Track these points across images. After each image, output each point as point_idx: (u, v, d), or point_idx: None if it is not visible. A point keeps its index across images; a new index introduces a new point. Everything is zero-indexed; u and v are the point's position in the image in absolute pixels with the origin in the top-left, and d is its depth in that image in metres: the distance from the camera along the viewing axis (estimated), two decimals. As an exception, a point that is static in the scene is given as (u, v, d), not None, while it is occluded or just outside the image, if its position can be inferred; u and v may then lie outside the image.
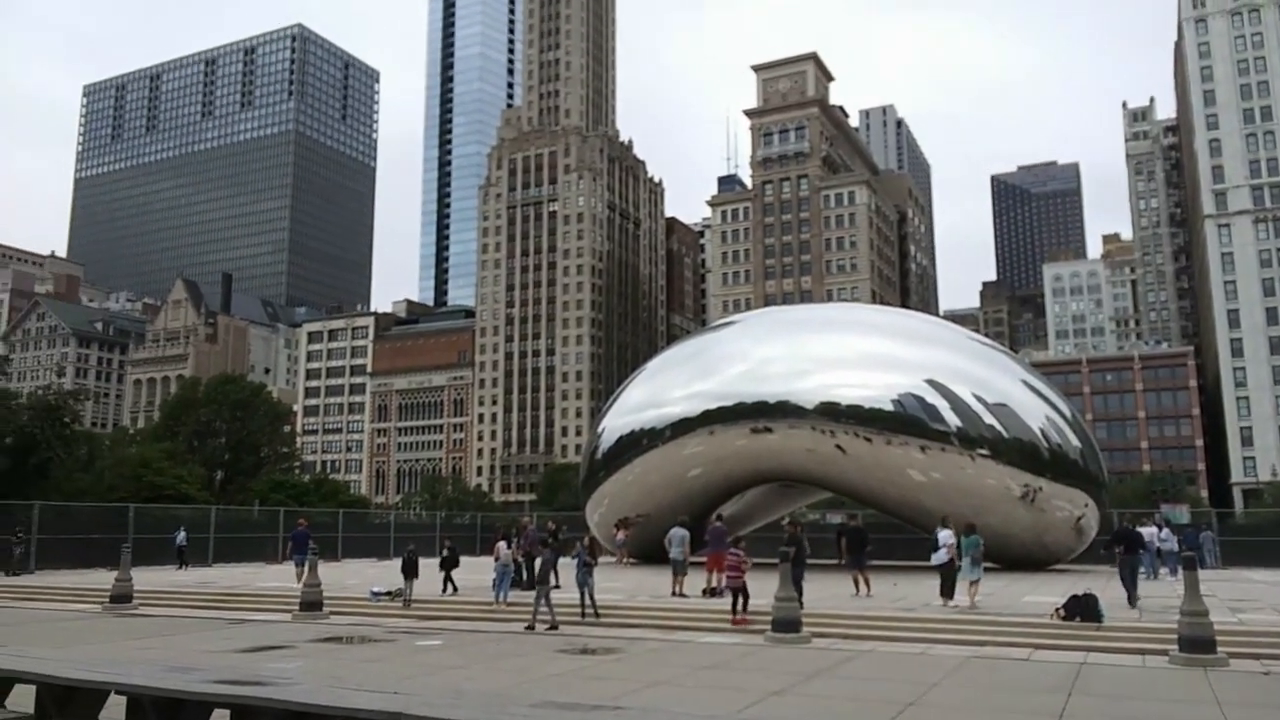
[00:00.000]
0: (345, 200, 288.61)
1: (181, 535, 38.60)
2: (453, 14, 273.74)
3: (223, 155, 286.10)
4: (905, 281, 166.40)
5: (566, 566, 23.51)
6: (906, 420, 31.08)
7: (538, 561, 22.58)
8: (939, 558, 21.84)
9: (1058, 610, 18.79)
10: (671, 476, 35.54)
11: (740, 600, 19.93)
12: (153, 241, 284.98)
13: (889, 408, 31.28)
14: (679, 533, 25.01)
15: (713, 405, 33.87)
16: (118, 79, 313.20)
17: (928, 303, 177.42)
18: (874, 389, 31.88)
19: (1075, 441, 32.62)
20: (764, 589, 20.39)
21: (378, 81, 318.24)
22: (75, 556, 36.44)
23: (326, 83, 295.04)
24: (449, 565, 25.74)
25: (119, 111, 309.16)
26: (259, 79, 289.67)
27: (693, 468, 35.16)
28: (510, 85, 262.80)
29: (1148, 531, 32.18)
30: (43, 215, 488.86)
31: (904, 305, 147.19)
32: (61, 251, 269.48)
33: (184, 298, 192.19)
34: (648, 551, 36.27)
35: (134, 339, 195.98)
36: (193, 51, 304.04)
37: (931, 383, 31.41)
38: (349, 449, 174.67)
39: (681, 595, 23.41)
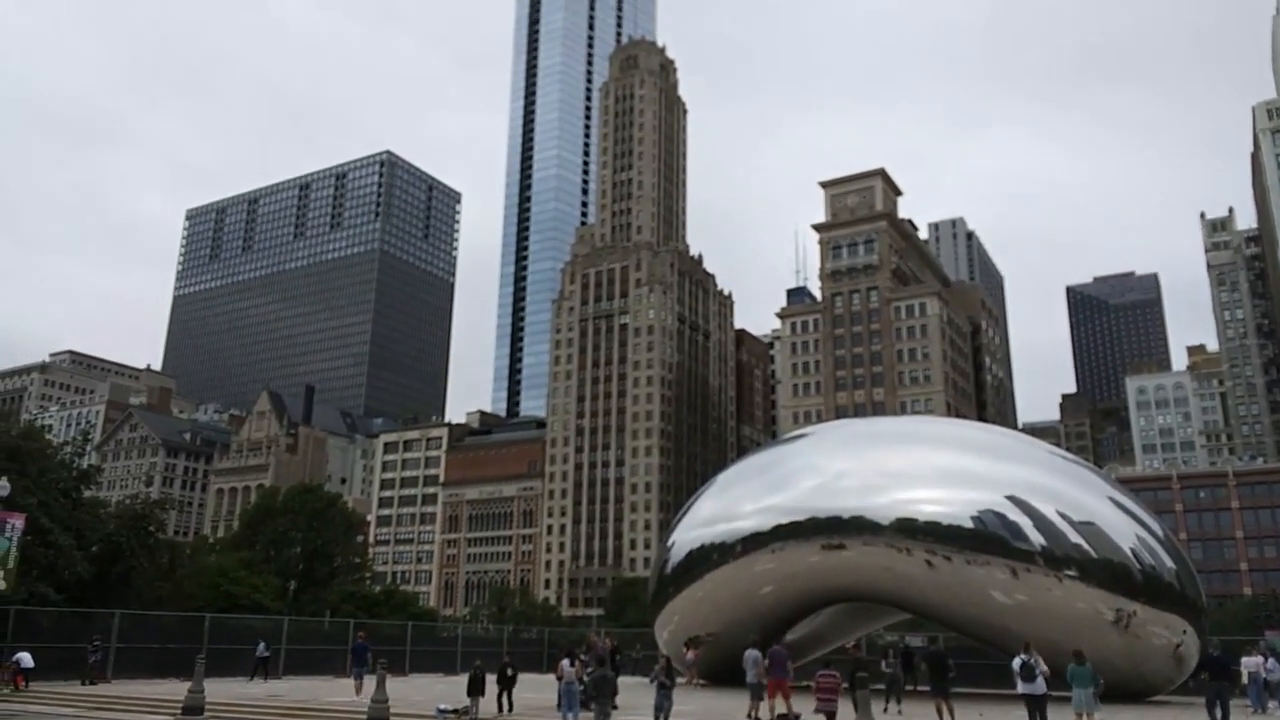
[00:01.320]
0: (424, 314, 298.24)
1: (262, 647, 38.86)
2: (531, 138, 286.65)
3: (311, 273, 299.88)
4: (981, 394, 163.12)
5: (633, 686, 22.94)
6: (988, 538, 29.96)
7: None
8: (1034, 687, 20.63)
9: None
10: (742, 594, 34.64)
11: None
12: (243, 355, 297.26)
13: (969, 525, 30.22)
14: (753, 654, 24.34)
15: (784, 520, 33.18)
16: (219, 203, 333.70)
17: (1005, 415, 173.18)
18: (953, 505, 30.90)
19: (1169, 563, 30.98)
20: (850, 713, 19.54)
21: (459, 202, 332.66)
22: (153, 665, 36.90)
23: (411, 204, 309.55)
24: (506, 684, 25.38)
25: (218, 233, 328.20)
26: (348, 201, 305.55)
27: (764, 585, 34.24)
28: (584, 204, 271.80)
29: (1252, 661, 30.10)
30: (143, 331, 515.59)
31: (980, 418, 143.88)
32: (157, 365, 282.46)
33: (268, 409, 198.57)
34: (717, 672, 35.17)
35: (219, 449, 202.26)
36: (289, 177, 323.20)
37: (1013, 499, 30.35)
38: (419, 559, 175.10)
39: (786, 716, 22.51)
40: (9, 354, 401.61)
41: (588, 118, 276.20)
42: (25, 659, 32.30)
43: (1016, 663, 21.19)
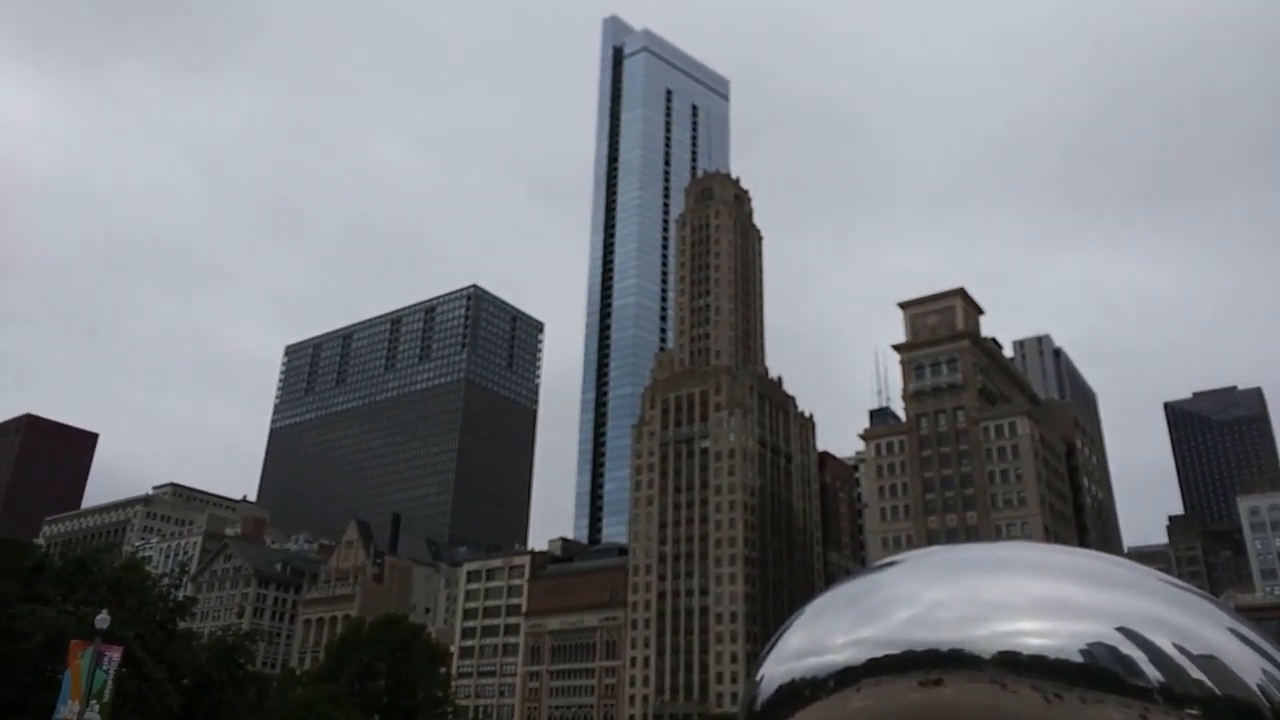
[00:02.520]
0: (507, 442, 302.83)
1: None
2: (611, 269, 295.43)
3: (401, 404, 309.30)
4: (1081, 516, 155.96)
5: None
6: (1100, 674, 27.99)
7: None
8: None
9: None
10: (834, 733, 33.37)
11: None
12: (334, 485, 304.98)
13: (1078, 659, 28.23)
14: None
15: (878, 654, 31.24)
16: (315, 339, 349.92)
17: (1109, 539, 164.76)
18: (1059, 638, 29.12)
19: (1294, 702, 28.85)
20: None
21: (542, 332, 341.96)
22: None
23: (496, 335, 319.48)
24: None
25: (314, 367, 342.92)
26: (437, 333, 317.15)
27: (855, 724, 32.99)
28: (663, 329, 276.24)
29: None
30: (241, 463, 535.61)
31: (1081, 542, 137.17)
32: (253, 495, 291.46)
33: (356, 538, 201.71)
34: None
35: (308, 579, 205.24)
36: (382, 312, 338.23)
37: (1124, 631, 28.59)
38: (502, 692, 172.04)
39: None
40: (119, 486, 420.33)
41: (665, 247, 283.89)
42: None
43: None
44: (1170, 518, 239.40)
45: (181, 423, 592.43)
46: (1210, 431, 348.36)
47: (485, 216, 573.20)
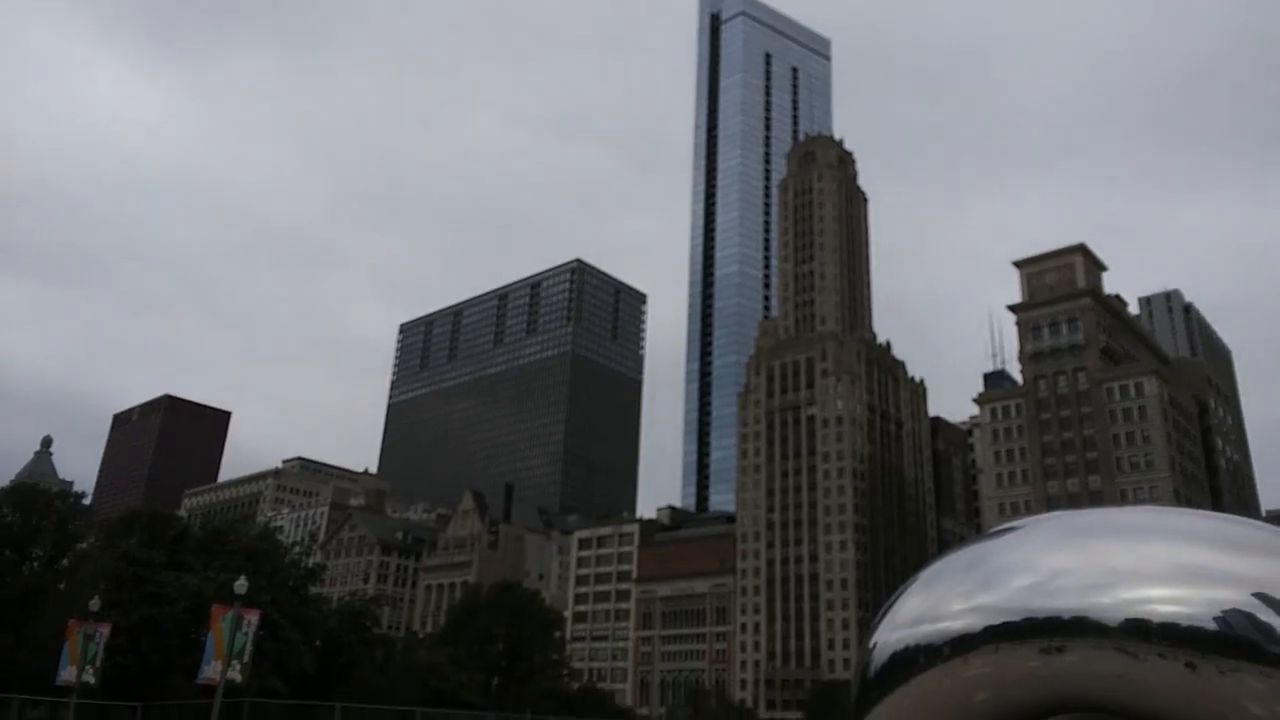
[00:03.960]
0: (614, 413, 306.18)
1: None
2: (713, 237, 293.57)
3: (509, 378, 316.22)
4: (1214, 480, 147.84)
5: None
6: (1236, 641, 26.57)
7: None
8: None
9: None
10: (954, 701, 32.02)
11: None
12: (449, 456, 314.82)
13: (1212, 626, 26.98)
14: None
15: (996, 621, 30.60)
16: (427, 317, 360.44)
17: (1245, 503, 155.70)
18: (1192, 605, 28.00)
19: None
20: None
21: (644, 303, 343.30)
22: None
23: (600, 308, 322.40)
24: None
25: (427, 344, 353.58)
26: (542, 308, 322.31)
27: (979, 692, 31.63)
28: (767, 297, 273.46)
29: None
30: (361, 437, 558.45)
31: (1215, 506, 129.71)
32: (374, 468, 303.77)
33: (471, 508, 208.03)
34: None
35: (427, 547, 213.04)
36: (490, 289, 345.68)
37: (1263, 597, 27.28)
38: (614, 657, 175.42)
39: None
40: (251, 461, 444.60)
41: (767, 214, 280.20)
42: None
43: None
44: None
45: (306, 400, 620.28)
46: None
47: (587, 191, 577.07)
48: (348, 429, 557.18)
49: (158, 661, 45.62)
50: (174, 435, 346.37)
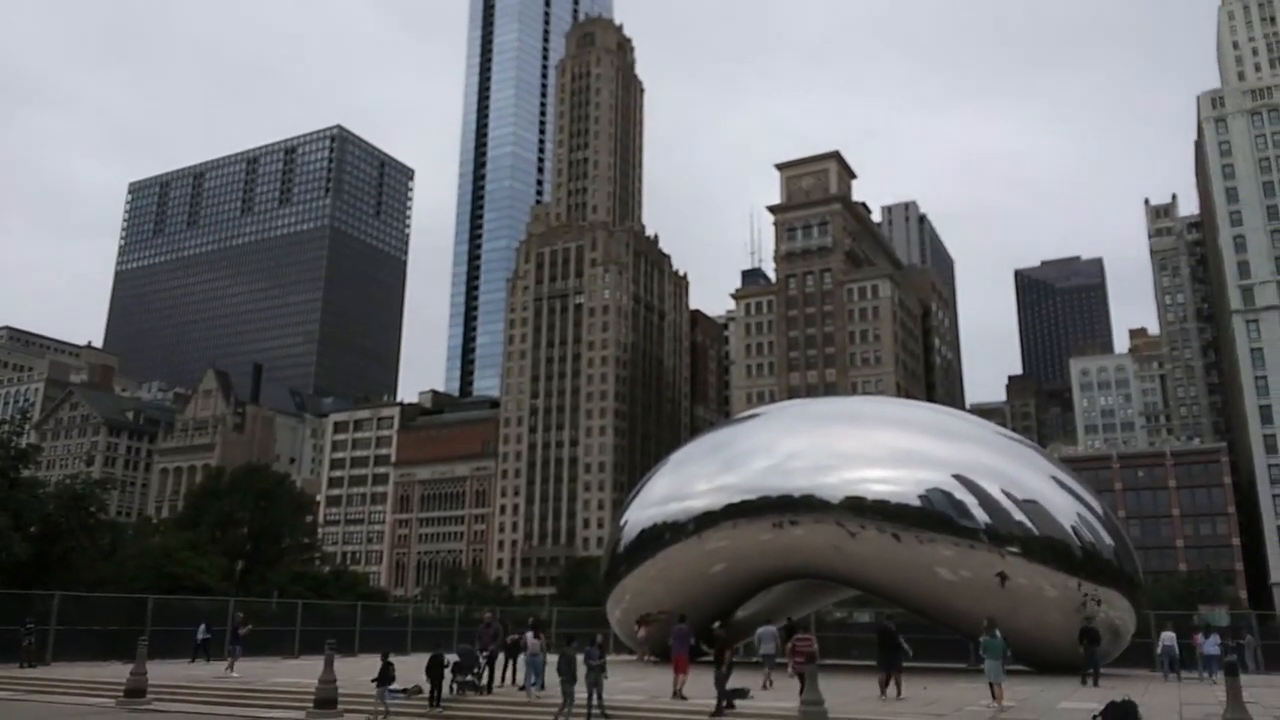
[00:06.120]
0: (376, 293, 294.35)
1: (203, 629, 38.11)
2: (486, 115, 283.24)
3: (259, 250, 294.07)
4: (930, 375, 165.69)
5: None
6: (934, 517, 30.47)
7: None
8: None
9: (1096, 717, 18.06)
10: (695, 572, 34.90)
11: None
12: (188, 333, 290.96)
13: (916, 503, 30.72)
14: (768, 630, 28.63)
15: (736, 499, 33.45)
16: (162, 177, 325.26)
17: (953, 396, 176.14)
18: (901, 485, 31.39)
19: (1109, 540, 31.81)
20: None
21: (412, 179, 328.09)
22: (94, 648, 36.08)
23: (363, 180, 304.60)
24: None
25: (162, 207, 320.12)
26: (298, 177, 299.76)
27: (717, 563, 34.53)
28: (540, 182, 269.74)
29: (1167, 636, 33.24)
30: (82, 306, 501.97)
31: (929, 398, 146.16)
32: (98, 342, 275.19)
33: (214, 388, 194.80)
34: (668, 648, 35.40)
35: (163, 428, 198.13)
36: (236, 151, 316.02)
37: (959, 478, 30.88)
38: (370, 540, 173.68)
39: (681, 695, 22.54)
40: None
41: (544, 95, 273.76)
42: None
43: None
44: (1010, 377, 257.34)
45: (10, 260, 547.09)
46: (1053, 298, 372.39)
47: (351, 50, 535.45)
48: (66, 297, 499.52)
49: None
50: None
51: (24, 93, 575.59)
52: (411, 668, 26.37)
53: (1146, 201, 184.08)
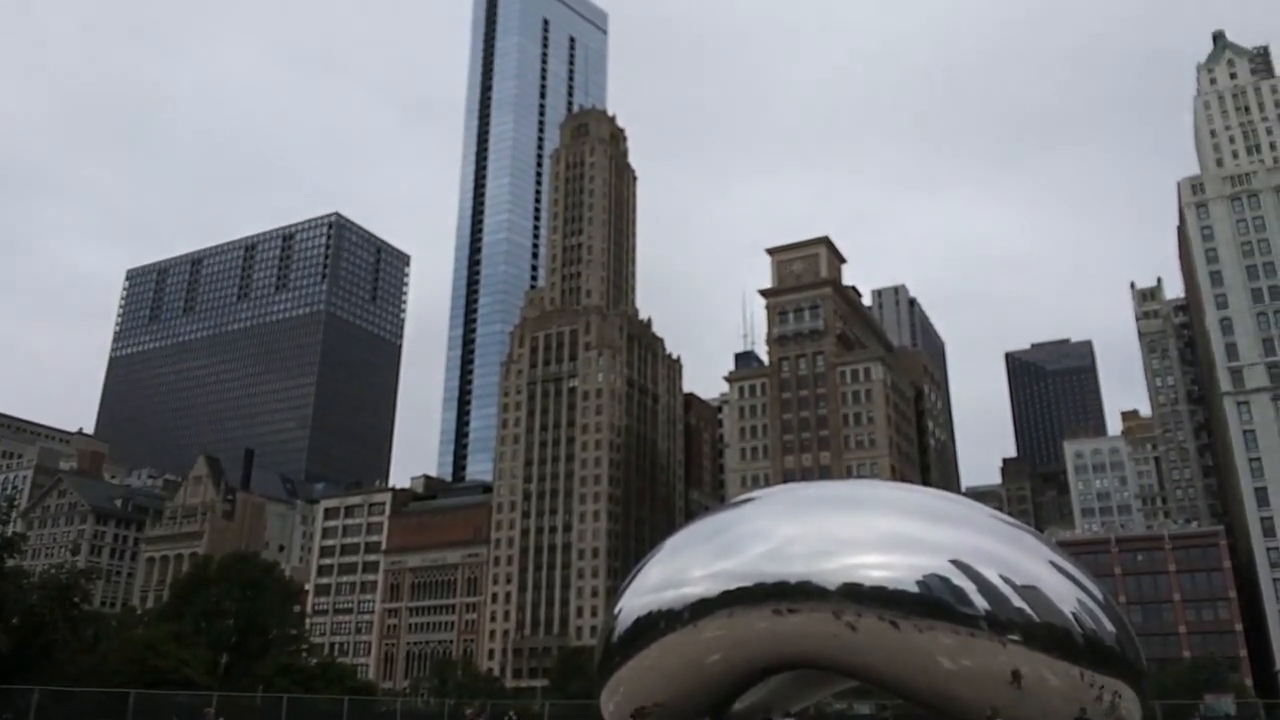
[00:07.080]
0: (370, 378, 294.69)
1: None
2: (482, 201, 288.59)
3: (255, 335, 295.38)
4: (925, 457, 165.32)
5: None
6: (933, 603, 30.05)
7: None
8: None
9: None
10: (691, 662, 34.15)
11: None
12: (180, 419, 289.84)
13: (914, 589, 30.31)
14: None
15: (733, 585, 32.94)
16: (160, 264, 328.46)
17: (948, 479, 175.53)
18: (898, 570, 31.00)
19: (1110, 626, 31.34)
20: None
21: (408, 265, 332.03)
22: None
23: (359, 266, 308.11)
24: None
25: (159, 294, 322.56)
26: (295, 263, 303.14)
27: (713, 652, 33.82)
28: (535, 267, 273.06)
29: None
30: (75, 392, 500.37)
31: (924, 481, 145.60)
32: (90, 429, 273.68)
33: (204, 474, 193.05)
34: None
35: (151, 516, 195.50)
36: (235, 238, 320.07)
37: (957, 564, 30.55)
38: (359, 630, 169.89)
39: None
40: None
41: (539, 183, 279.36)
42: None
43: None
44: (1004, 460, 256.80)
45: (6, 345, 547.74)
46: (1044, 380, 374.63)
47: (351, 140, 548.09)
48: (57, 383, 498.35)
49: None
50: None
51: (24, 178, 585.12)
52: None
53: (1132, 285, 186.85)
